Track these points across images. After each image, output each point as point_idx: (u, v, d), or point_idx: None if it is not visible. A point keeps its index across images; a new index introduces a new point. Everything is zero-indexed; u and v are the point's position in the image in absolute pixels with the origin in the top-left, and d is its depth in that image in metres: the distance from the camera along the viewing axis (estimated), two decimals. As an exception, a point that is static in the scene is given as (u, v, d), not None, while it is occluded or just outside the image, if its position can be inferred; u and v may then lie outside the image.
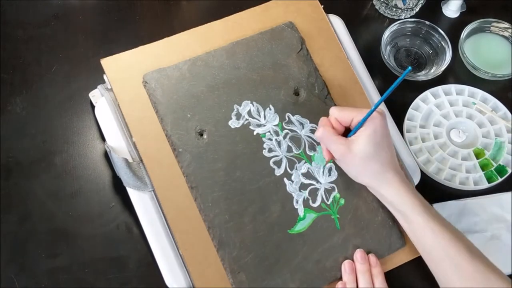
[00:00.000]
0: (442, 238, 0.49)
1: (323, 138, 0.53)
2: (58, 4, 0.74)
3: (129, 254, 0.59)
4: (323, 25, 0.64)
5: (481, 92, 0.71)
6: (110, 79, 0.57)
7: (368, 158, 0.51)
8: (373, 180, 0.52)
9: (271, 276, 0.53)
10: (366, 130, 0.51)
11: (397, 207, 0.52)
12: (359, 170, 0.53)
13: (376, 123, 0.51)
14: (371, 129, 0.51)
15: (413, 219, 0.50)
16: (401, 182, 0.51)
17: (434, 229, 0.49)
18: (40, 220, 0.60)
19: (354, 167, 0.53)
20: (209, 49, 0.60)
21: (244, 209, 0.55)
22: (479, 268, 0.47)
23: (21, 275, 0.57)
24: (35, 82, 0.68)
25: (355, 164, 0.52)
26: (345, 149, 0.51)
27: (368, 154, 0.51)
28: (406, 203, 0.51)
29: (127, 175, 0.55)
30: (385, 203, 0.54)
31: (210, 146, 0.56)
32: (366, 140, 0.50)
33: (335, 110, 0.53)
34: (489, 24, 0.76)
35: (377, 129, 0.51)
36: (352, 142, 0.51)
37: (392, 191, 0.51)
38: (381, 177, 0.52)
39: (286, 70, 0.60)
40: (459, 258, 0.48)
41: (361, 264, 0.54)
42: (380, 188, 0.52)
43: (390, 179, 0.51)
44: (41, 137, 0.65)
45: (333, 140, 0.52)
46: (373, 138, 0.51)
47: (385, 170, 0.51)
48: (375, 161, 0.51)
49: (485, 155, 0.67)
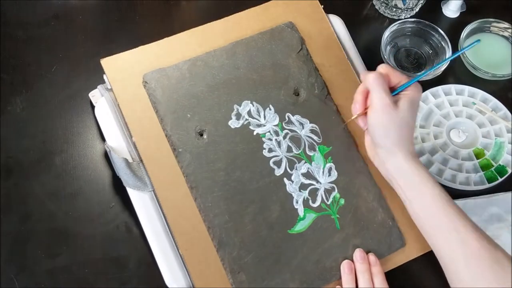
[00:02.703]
0: (452, 211, 0.49)
1: (375, 83, 0.51)
2: (58, 4, 0.74)
3: (129, 254, 0.59)
4: (323, 25, 0.64)
5: (481, 92, 0.71)
6: (110, 79, 0.57)
7: (405, 121, 0.51)
8: (396, 144, 0.51)
9: (271, 276, 0.53)
10: (410, 95, 0.51)
11: (409, 178, 0.51)
12: (391, 129, 0.51)
13: (417, 95, 0.52)
14: (413, 96, 0.51)
15: (425, 191, 0.50)
16: (417, 157, 0.52)
17: (446, 201, 0.49)
18: (40, 220, 0.60)
19: (389, 123, 0.51)
20: (209, 49, 0.60)
21: (244, 209, 0.55)
22: (484, 245, 0.47)
23: (21, 275, 0.57)
24: (35, 82, 0.68)
25: (392, 121, 0.51)
26: (391, 102, 0.50)
27: (407, 119, 0.51)
28: (422, 174, 0.51)
29: (127, 175, 0.55)
30: (395, 173, 0.52)
31: (210, 146, 0.56)
32: (409, 104, 0.51)
33: (387, 68, 0.53)
34: (489, 24, 0.76)
35: (416, 100, 0.52)
36: (398, 99, 0.51)
37: (411, 159, 0.51)
38: (404, 144, 0.51)
39: (286, 70, 0.60)
40: (466, 234, 0.47)
41: (360, 264, 0.54)
42: (397, 155, 0.51)
43: (410, 149, 0.52)
44: (41, 137, 0.65)
45: (385, 88, 0.51)
46: (414, 105, 0.51)
47: (410, 139, 0.52)
48: (408, 127, 0.51)
49: (485, 155, 0.67)
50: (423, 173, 0.51)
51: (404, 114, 0.50)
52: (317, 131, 0.59)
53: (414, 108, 0.52)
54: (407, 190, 0.52)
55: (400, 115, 0.50)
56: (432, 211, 0.50)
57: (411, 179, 0.51)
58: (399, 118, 0.50)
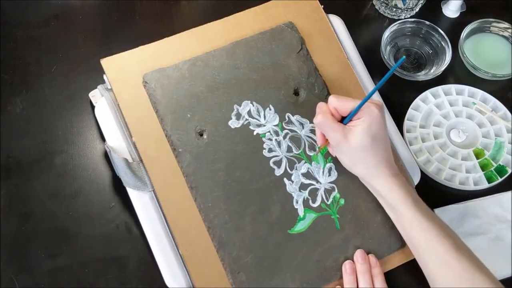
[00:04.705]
0: (429, 233, 0.49)
1: (322, 125, 0.53)
2: (58, 4, 0.74)
3: (129, 254, 0.59)
4: (323, 25, 0.64)
5: (481, 92, 0.71)
6: (110, 79, 0.57)
7: (364, 149, 0.51)
8: (366, 171, 0.53)
9: (271, 276, 0.53)
10: (364, 121, 0.51)
11: (387, 200, 0.52)
12: (353, 160, 0.53)
13: (374, 115, 0.51)
14: (368, 121, 0.51)
15: (402, 212, 0.51)
16: (393, 176, 0.52)
17: (422, 223, 0.49)
18: (40, 220, 0.60)
19: (349, 156, 0.53)
20: (209, 49, 0.60)
21: (244, 209, 0.55)
22: (465, 266, 0.47)
23: (21, 275, 0.57)
24: (35, 82, 0.68)
25: (350, 153, 0.52)
26: (342, 138, 0.51)
27: (364, 146, 0.51)
28: (396, 196, 0.51)
29: (127, 175, 0.55)
30: (376, 195, 0.54)
31: (210, 146, 0.56)
32: (363, 131, 0.51)
33: (334, 99, 0.53)
34: (489, 24, 0.76)
35: (374, 121, 0.51)
36: (350, 131, 0.51)
37: (384, 183, 0.52)
38: (374, 169, 0.52)
39: (286, 70, 0.60)
40: (446, 255, 0.48)
41: (361, 265, 0.54)
42: (372, 180, 0.53)
43: (382, 172, 0.52)
44: (41, 137, 0.65)
45: (332, 127, 0.52)
46: (370, 130, 0.51)
47: (379, 162, 0.52)
48: (370, 153, 0.51)
49: (485, 155, 0.67)
50: (398, 194, 0.51)
51: (362, 142, 0.51)
52: (317, 131, 0.59)
53: (374, 131, 0.51)
54: (388, 211, 0.54)
55: (356, 145, 0.51)
56: (411, 234, 0.51)
57: (387, 202, 0.52)
58: (358, 149, 0.51)
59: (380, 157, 0.52)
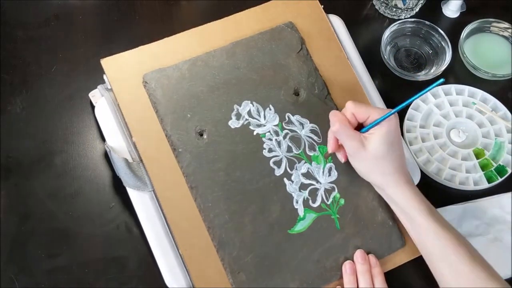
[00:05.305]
0: (444, 242, 0.49)
1: (339, 133, 0.52)
2: (58, 4, 0.74)
3: (129, 254, 0.59)
4: (323, 25, 0.64)
5: (481, 92, 0.71)
6: (110, 79, 0.57)
7: (381, 157, 0.51)
8: (381, 179, 0.53)
9: (271, 276, 0.53)
10: (382, 129, 0.51)
11: (402, 208, 0.52)
12: (370, 168, 0.53)
13: (391, 123, 0.51)
14: (386, 129, 0.51)
15: (418, 221, 0.51)
16: (408, 184, 0.52)
17: (437, 232, 0.50)
18: (40, 220, 0.60)
19: (365, 164, 0.53)
20: (209, 49, 0.60)
21: (244, 209, 0.55)
22: (479, 275, 0.47)
23: (21, 275, 0.57)
24: (35, 82, 0.68)
25: (367, 161, 0.52)
26: (360, 146, 0.51)
27: (381, 154, 0.51)
28: (412, 205, 0.51)
29: (127, 175, 0.55)
30: (390, 202, 0.54)
31: (210, 146, 0.56)
32: (381, 139, 0.51)
33: (352, 105, 0.53)
34: (489, 24, 0.76)
35: (392, 129, 0.51)
36: (367, 139, 0.51)
37: (399, 191, 0.52)
38: (390, 177, 0.52)
39: (286, 70, 0.60)
40: (459, 264, 0.48)
41: (361, 265, 0.54)
42: (388, 187, 0.52)
43: (398, 180, 0.52)
44: (41, 137, 0.65)
45: (349, 135, 0.51)
46: (387, 138, 0.51)
47: (395, 170, 0.52)
48: (386, 161, 0.51)
49: (485, 155, 0.67)
50: (414, 203, 0.51)
51: (378, 150, 0.51)
52: (317, 131, 0.59)
53: (390, 138, 0.51)
54: (401, 218, 0.53)
55: (374, 153, 0.51)
56: (426, 243, 0.51)
57: (402, 210, 0.52)
58: (375, 157, 0.51)
59: (396, 164, 0.52)
